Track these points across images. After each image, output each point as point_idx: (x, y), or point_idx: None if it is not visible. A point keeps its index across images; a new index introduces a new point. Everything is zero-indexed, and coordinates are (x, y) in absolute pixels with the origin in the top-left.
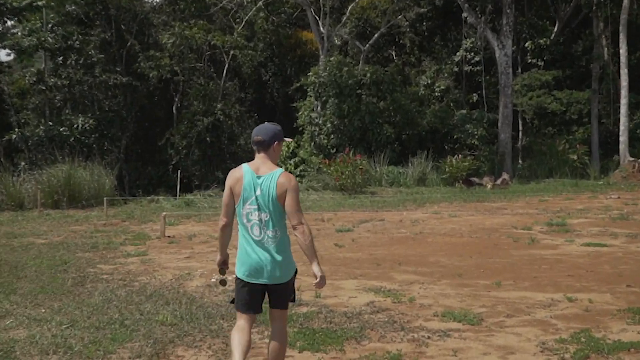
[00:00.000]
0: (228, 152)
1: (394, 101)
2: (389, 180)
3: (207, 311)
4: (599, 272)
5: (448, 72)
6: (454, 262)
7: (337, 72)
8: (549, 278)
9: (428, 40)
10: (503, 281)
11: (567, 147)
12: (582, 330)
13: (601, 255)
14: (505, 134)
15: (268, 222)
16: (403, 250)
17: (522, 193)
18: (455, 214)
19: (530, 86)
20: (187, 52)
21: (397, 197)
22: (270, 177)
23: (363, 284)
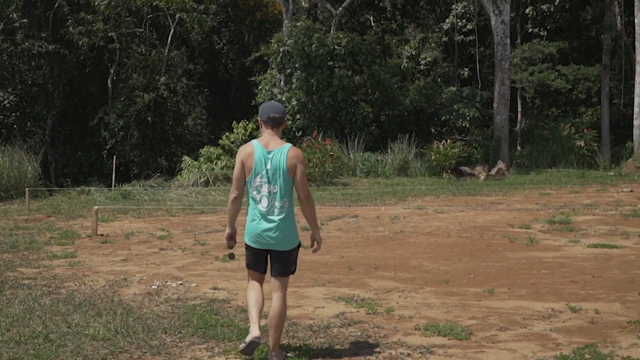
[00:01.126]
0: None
1: (372, 75)
2: (364, 170)
3: (146, 324)
4: (607, 278)
5: (435, 42)
6: (440, 266)
7: (304, 40)
8: (549, 285)
9: (412, 3)
10: (496, 288)
11: (573, 131)
12: (587, 346)
13: (610, 258)
14: (502, 116)
15: (277, 194)
16: (380, 252)
17: (521, 185)
18: (442, 210)
19: (531, 60)
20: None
21: (374, 189)
22: (279, 151)
23: (332, 292)
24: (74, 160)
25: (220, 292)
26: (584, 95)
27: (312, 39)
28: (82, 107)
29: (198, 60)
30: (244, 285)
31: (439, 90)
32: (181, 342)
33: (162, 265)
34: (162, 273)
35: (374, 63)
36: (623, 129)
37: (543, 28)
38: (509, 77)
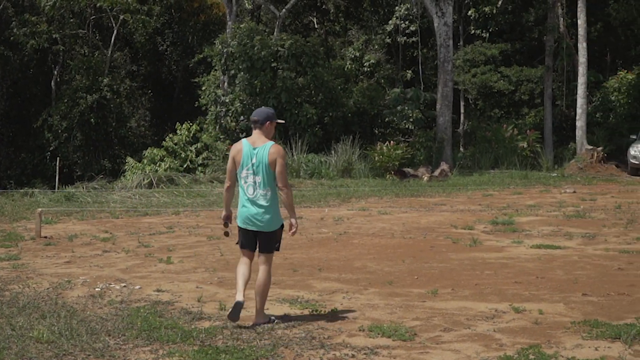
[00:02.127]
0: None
1: (316, 77)
2: (308, 171)
3: (90, 326)
4: (550, 279)
5: (379, 43)
6: (384, 267)
7: (248, 41)
8: (493, 285)
9: (356, 5)
10: (440, 289)
11: (516, 132)
12: (531, 346)
13: (554, 259)
14: (445, 117)
15: (260, 184)
16: (324, 253)
17: (464, 186)
18: (385, 211)
19: (473, 61)
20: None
21: (317, 190)
22: (263, 148)
23: (277, 294)
24: (18, 162)
25: (164, 294)
26: (526, 96)
27: (255, 40)
28: (26, 109)
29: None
30: (187, 287)
31: (383, 92)
32: (125, 344)
33: (106, 268)
34: (106, 275)
35: (317, 65)
36: (566, 130)
37: (485, 30)
38: (452, 79)
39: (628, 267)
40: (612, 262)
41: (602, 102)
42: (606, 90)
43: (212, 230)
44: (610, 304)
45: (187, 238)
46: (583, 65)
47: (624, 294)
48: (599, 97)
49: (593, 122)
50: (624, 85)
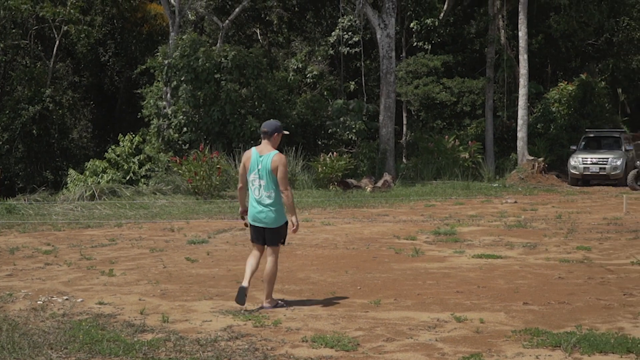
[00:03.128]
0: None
1: (259, 88)
2: None
3: (32, 340)
4: (492, 288)
5: (322, 55)
6: (327, 278)
7: (191, 52)
8: (434, 295)
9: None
10: (383, 299)
11: (458, 143)
12: (472, 355)
13: (495, 269)
14: (388, 129)
15: (265, 186)
16: None
17: (406, 197)
18: (329, 222)
19: (416, 73)
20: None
21: None
22: (267, 156)
23: (220, 306)
24: None
25: (106, 307)
26: (468, 107)
27: (199, 52)
28: None
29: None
30: (130, 299)
31: (326, 103)
32: (67, 357)
33: (48, 281)
34: (48, 288)
35: (260, 76)
36: (507, 141)
37: (428, 42)
38: (395, 90)
39: (568, 276)
40: (553, 271)
41: (542, 113)
42: (547, 101)
43: (154, 242)
44: (551, 313)
45: (129, 250)
46: (524, 77)
47: (564, 303)
48: (539, 108)
49: (534, 133)
50: (565, 97)
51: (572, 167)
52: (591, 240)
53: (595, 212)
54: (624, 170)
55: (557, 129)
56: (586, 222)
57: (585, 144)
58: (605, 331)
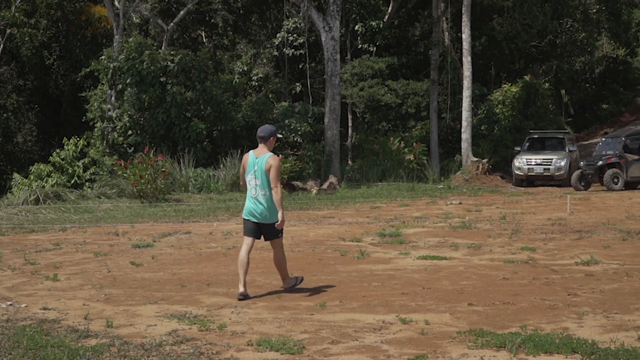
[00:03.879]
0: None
1: (205, 91)
2: (197, 185)
3: None
4: (437, 289)
5: (267, 57)
6: (272, 281)
7: (136, 55)
8: (380, 297)
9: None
10: (328, 302)
11: (403, 145)
12: (417, 357)
13: (440, 270)
14: (333, 131)
15: (260, 185)
16: (213, 268)
17: (352, 199)
18: None
19: (361, 75)
20: None
21: (206, 205)
22: (263, 158)
23: (164, 310)
24: None
25: (50, 312)
26: (413, 109)
27: (144, 55)
28: None
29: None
30: (74, 305)
31: (271, 105)
32: None
33: None
34: None
35: (206, 79)
36: (451, 143)
37: (372, 44)
38: (340, 93)
39: (513, 276)
40: (497, 272)
41: (486, 115)
42: (491, 103)
43: (99, 246)
44: (496, 313)
45: (74, 255)
46: (468, 79)
47: (508, 303)
48: (483, 110)
49: (478, 135)
50: (508, 98)
51: (517, 168)
52: (535, 241)
53: (539, 213)
54: (567, 171)
55: (501, 131)
56: (530, 222)
57: (529, 145)
58: (550, 331)
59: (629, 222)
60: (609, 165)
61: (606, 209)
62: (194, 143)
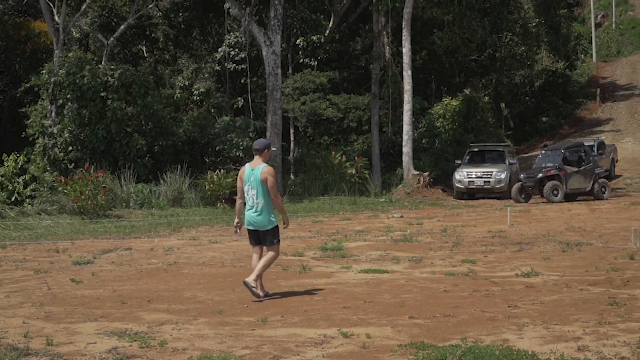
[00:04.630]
0: None
1: (146, 106)
2: (138, 201)
3: None
4: (378, 303)
5: (209, 71)
6: (214, 296)
7: (76, 70)
8: (321, 311)
9: (185, 34)
10: (270, 317)
11: (345, 159)
12: None
13: (381, 283)
14: (275, 145)
15: (256, 195)
16: (154, 284)
17: (294, 213)
18: (216, 240)
19: (302, 89)
20: None
21: (147, 220)
22: (258, 169)
23: (105, 327)
24: None
25: None
26: (354, 123)
27: (85, 70)
28: None
29: None
30: (13, 322)
31: (213, 120)
32: None
33: None
34: None
35: (147, 94)
36: (393, 156)
37: (314, 58)
38: (281, 107)
39: (453, 289)
40: (438, 284)
41: (427, 128)
42: (431, 116)
43: (39, 263)
44: (436, 326)
45: (13, 272)
46: (408, 93)
47: (449, 316)
48: (424, 124)
49: (419, 148)
50: (449, 112)
51: (457, 181)
52: (476, 253)
53: (480, 225)
54: (508, 184)
55: (442, 144)
56: (471, 235)
57: (470, 158)
58: (490, 343)
59: (569, 233)
60: (549, 178)
61: (546, 221)
62: (135, 158)
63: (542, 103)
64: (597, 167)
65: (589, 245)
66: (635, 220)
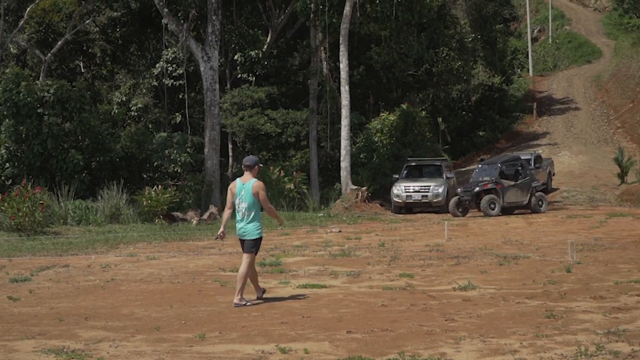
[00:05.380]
0: None
1: (82, 122)
2: (75, 218)
3: None
4: (316, 318)
5: (146, 87)
6: (151, 313)
7: (13, 87)
8: (259, 327)
9: (123, 49)
10: (208, 333)
11: (283, 174)
12: None
13: (319, 298)
14: (213, 161)
15: (247, 208)
16: (91, 301)
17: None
18: (154, 256)
19: (240, 105)
20: None
21: (85, 237)
22: (249, 183)
23: (42, 345)
24: None
25: None
26: (293, 138)
27: (21, 86)
28: None
29: None
30: None
31: (151, 136)
32: None
33: None
34: None
35: (83, 110)
36: (331, 171)
37: (252, 73)
38: (219, 122)
39: (391, 303)
40: (376, 299)
41: (365, 143)
42: (369, 131)
43: None
44: (374, 340)
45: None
46: (346, 108)
47: (387, 330)
48: (362, 139)
49: (357, 163)
50: (386, 127)
51: (395, 196)
52: (414, 267)
53: (417, 239)
54: (445, 198)
55: (379, 158)
56: (409, 249)
57: (408, 172)
58: (428, 357)
59: (506, 247)
60: (486, 192)
61: (483, 235)
62: (72, 174)
63: (478, 117)
64: (534, 181)
65: (526, 259)
66: (572, 233)
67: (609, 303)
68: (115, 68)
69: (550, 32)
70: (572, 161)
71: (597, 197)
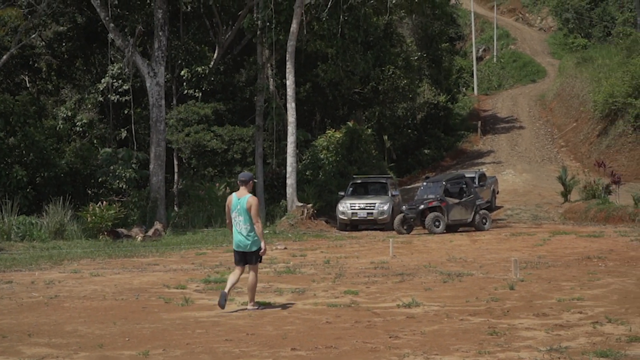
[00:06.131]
0: None
1: (27, 137)
2: (19, 233)
3: None
4: (260, 335)
5: (92, 102)
6: (95, 330)
7: None
8: (204, 344)
9: (68, 64)
10: (151, 350)
11: (229, 191)
12: None
13: (264, 315)
14: (158, 177)
15: (243, 221)
16: (34, 318)
17: (177, 245)
18: (98, 273)
19: (186, 121)
20: None
21: (29, 253)
22: (244, 198)
23: None
24: None
25: None
26: (239, 155)
27: None
28: None
29: None
30: None
31: (96, 151)
32: None
33: None
34: None
35: (27, 124)
36: (277, 188)
37: (198, 89)
38: (165, 138)
39: (336, 320)
40: (321, 316)
41: (311, 160)
42: (315, 148)
43: None
44: (318, 357)
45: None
46: (292, 125)
47: (331, 347)
48: (308, 156)
49: (303, 180)
50: (332, 144)
51: (341, 213)
52: (358, 284)
53: (362, 257)
54: (390, 215)
55: (325, 176)
56: (354, 266)
57: (353, 189)
58: None
59: (450, 264)
60: (431, 209)
61: (428, 252)
62: (16, 190)
63: (424, 135)
64: (478, 199)
65: (469, 276)
66: (516, 250)
67: (552, 320)
68: (60, 83)
69: (495, 51)
70: (516, 179)
71: (540, 215)
